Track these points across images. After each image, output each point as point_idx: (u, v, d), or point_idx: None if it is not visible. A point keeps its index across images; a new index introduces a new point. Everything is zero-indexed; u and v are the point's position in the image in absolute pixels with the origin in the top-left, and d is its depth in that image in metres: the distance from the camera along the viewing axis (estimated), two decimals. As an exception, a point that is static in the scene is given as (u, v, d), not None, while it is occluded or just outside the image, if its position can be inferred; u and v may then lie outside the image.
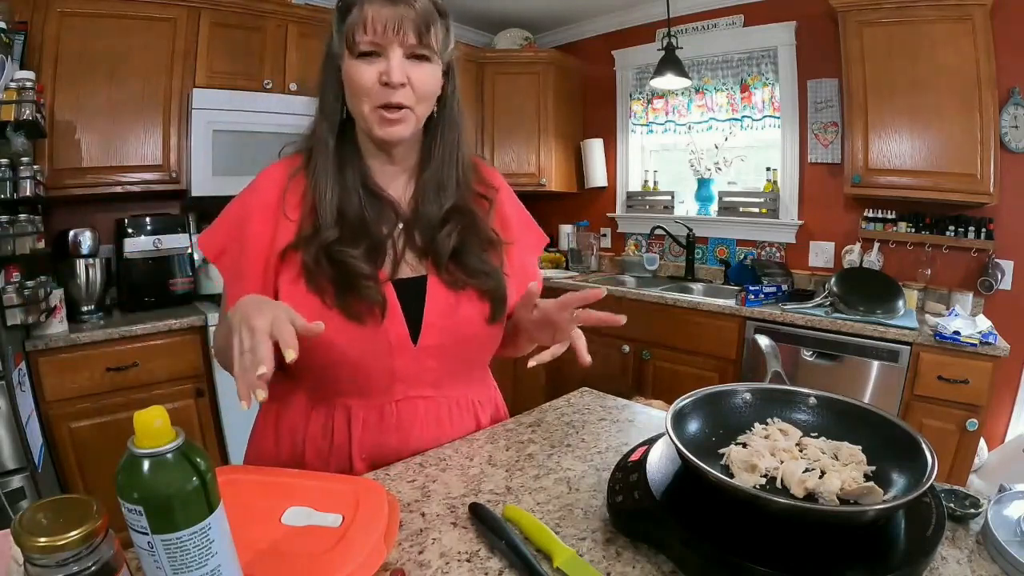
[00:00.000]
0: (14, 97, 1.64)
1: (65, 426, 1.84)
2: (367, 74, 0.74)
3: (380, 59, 0.75)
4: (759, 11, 2.79)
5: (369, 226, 0.80)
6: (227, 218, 0.85)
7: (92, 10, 2.01)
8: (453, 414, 0.89)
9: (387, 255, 0.82)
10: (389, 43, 0.74)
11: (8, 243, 1.64)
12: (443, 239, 0.82)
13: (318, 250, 0.77)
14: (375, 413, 0.82)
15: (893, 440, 0.61)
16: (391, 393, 0.83)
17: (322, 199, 0.79)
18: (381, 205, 0.83)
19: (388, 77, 0.74)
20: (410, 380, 0.83)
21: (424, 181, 0.85)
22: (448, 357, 0.84)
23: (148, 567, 0.41)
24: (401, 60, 0.75)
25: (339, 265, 0.77)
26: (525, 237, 0.96)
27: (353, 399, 0.82)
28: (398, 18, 0.73)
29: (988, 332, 1.87)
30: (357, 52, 0.74)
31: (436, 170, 0.85)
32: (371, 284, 0.77)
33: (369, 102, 0.76)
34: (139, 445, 0.39)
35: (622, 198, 3.43)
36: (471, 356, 0.88)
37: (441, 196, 0.84)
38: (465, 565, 0.57)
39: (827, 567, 0.49)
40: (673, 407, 0.66)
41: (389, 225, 0.83)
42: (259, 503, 0.61)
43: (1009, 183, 2.14)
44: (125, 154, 2.13)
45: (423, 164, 0.86)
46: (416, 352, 0.81)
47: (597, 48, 3.44)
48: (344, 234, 0.78)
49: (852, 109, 2.29)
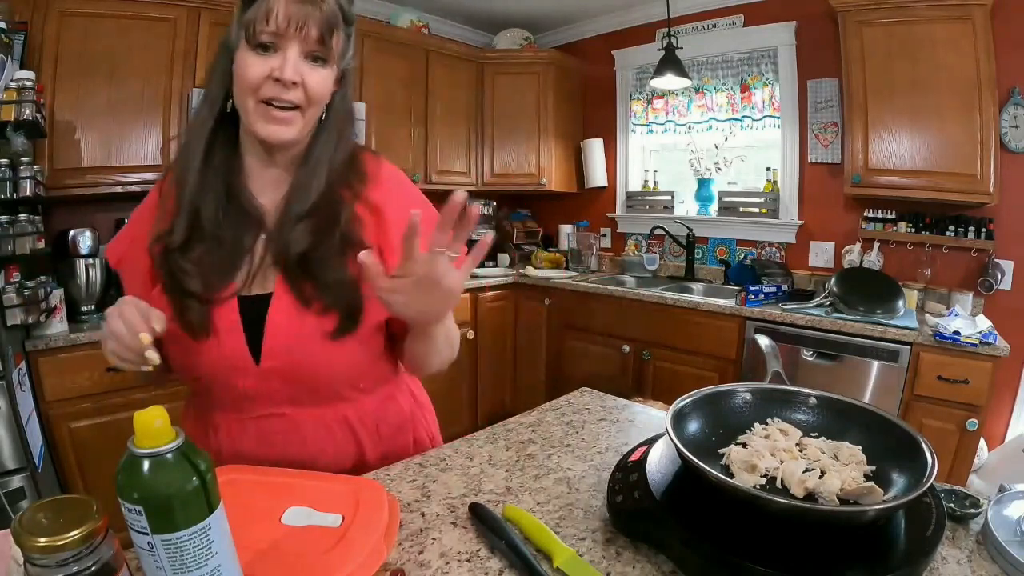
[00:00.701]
0: (14, 97, 1.64)
1: (65, 426, 1.84)
2: (258, 67, 0.70)
3: (275, 55, 0.71)
4: (759, 11, 2.79)
5: (222, 235, 0.75)
6: (127, 225, 0.83)
7: (92, 10, 2.01)
8: (320, 433, 0.81)
9: (243, 268, 0.76)
10: (288, 39, 0.70)
11: (8, 243, 1.64)
12: (293, 241, 0.75)
13: (162, 255, 0.74)
14: (235, 428, 0.80)
15: (893, 440, 0.61)
16: (247, 410, 0.79)
17: (181, 199, 0.74)
18: (243, 212, 0.77)
19: (281, 73, 0.70)
20: (261, 399, 0.78)
21: (294, 184, 0.78)
22: (294, 378, 0.78)
23: (148, 567, 0.41)
24: (297, 58, 0.71)
25: (172, 277, 0.73)
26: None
27: (217, 412, 0.80)
28: (303, 15, 0.70)
29: (988, 332, 1.87)
30: (254, 43, 0.70)
31: (307, 172, 0.78)
32: (193, 304, 0.73)
33: (255, 96, 0.71)
34: (139, 445, 0.39)
35: (622, 198, 3.43)
36: (320, 376, 0.79)
37: (304, 197, 0.77)
38: (465, 565, 0.57)
39: (827, 567, 0.49)
40: (673, 407, 0.66)
41: (250, 236, 0.77)
42: (259, 503, 0.61)
43: (1009, 183, 2.14)
44: (125, 154, 2.13)
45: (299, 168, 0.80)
46: (260, 372, 0.76)
47: (597, 48, 3.44)
48: (192, 240, 0.74)
49: (852, 109, 2.29)
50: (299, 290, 0.75)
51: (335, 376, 0.80)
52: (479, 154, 3.32)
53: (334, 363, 0.78)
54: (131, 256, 0.79)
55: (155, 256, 0.74)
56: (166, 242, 0.74)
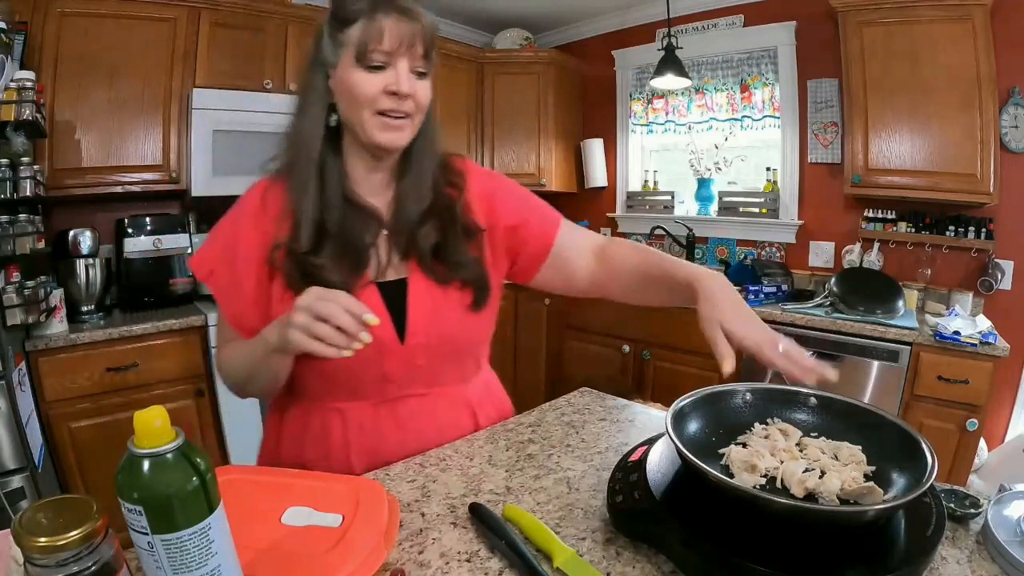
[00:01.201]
0: (14, 97, 1.64)
1: (65, 426, 1.84)
2: (373, 84, 0.76)
3: (386, 71, 0.76)
4: (759, 11, 2.79)
5: (349, 235, 0.81)
6: (215, 237, 0.86)
7: (92, 10, 2.01)
8: (448, 410, 0.89)
9: (372, 261, 0.83)
10: (399, 56, 0.76)
11: (8, 243, 1.64)
12: (423, 237, 0.84)
13: (292, 261, 0.79)
14: (369, 414, 0.84)
15: (893, 440, 0.61)
16: (384, 394, 0.84)
17: (302, 208, 0.80)
18: (362, 214, 0.84)
19: (398, 87, 0.76)
20: (401, 380, 0.84)
21: (404, 186, 0.86)
22: (437, 353, 0.85)
23: (148, 567, 0.41)
24: (407, 72, 0.77)
25: (310, 276, 0.77)
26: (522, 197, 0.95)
27: (345, 402, 0.84)
28: (411, 34, 0.76)
29: (988, 332, 1.87)
30: (366, 64, 0.75)
31: (415, 175, 0.86)
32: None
33: (371, 108, 0.77)
34: (139, 445, 0.39)
35: (622, 198, 3.43)
36: (460, 348, 0.89)
37: (419, 198, 0.86)
38: (465, 565, 0.57)
39: (827, 567, 0.49)
40: (673, 407, 0.66)
41: (372, 233, 0.84)
42: (259, 503, 0.61)
43: (1009, 183, 2.14)
44: (125, 154, 2.13)
45: (402, 169, 0.87)
46: (405, 352, 0.82)
47: (597, 48, 3.44)
48: (321, 243, 0.79)
49: (852, 109, 2.29)
50: (434, 273, 0.84)
51: (472, 344, 0.91)
52: (479, 154, 3.32)
53: (472, 331, 0.89)
54: (225, 267, 0.83)
55: (280, 262, 0.79)
56: (292, 248, 0.79)
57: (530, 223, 0.92)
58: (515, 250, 0.93)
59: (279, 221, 0.81)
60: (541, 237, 0.93)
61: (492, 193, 0.92)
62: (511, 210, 0.92)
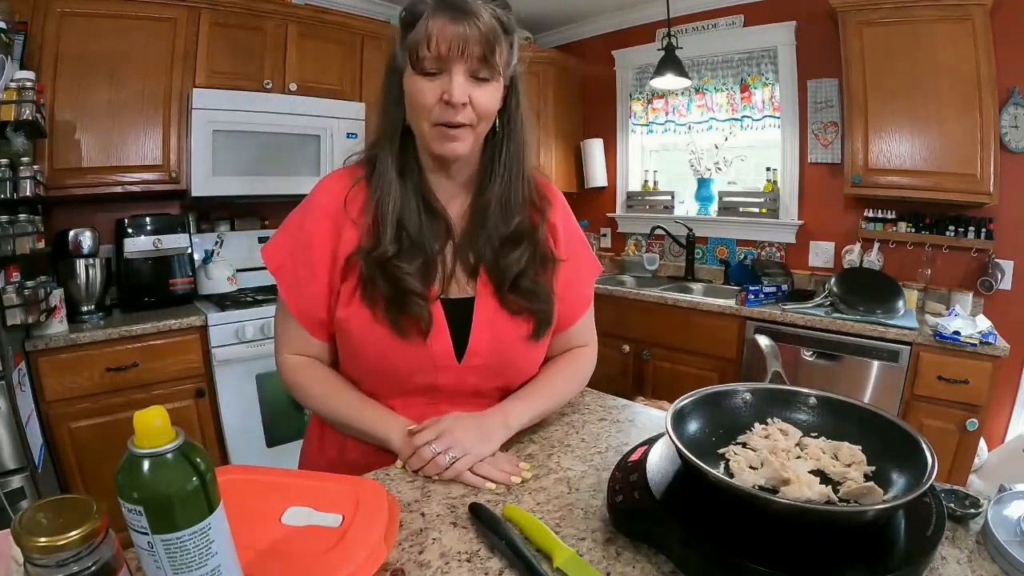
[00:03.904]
0: (14, 97, 1.64)
1: (65, 426, 1.84)
2: (429, 92, 0.73)
3: (442, 76, 0.73)
4: (759, 11, 2.79)
5: (424, 243, 0.80)
6: (287, 230, 0.86)
7: (92, 10, 2.01)
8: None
9: (437, 272, 0.82)
10: (452, 61, 0.72)
11: (8, 243, 1.64)
12: (511, 262, 0.82)
13: (374, 264, 0.78)
14: (416, 415, 0.83)
15: (893, 440, 0.61)
16: (433, 400, 0.84)
17: (384, 211, 0.79)
18: (437, 221, 0.83)
19: (450, 96, 0.72)
20: (451, 392, 0.84)
21: (487, 198, 0.83)
22: (490, 374, 0.85)
23: (148, 567, 0.41)
24: (463, 79, 0.73)
25: (393, 281, 0.78)
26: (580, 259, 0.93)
27: (397, 401, 0.84)
28: (462, 38, 0.71)
29: (988, 332, 1.87)
30: (419, 69, 0.73)
31: (503, 187, 0.83)
32: (420, 302, 0.78)
33: (428, 119, 0.75)
34: (139, 445, 0.39)
35: (622, 198, 3.43)
36: (513, 372, 0.88)
37: (507, 215, 0.83)
38: (465, 565, 0.57)
39: (827, 567, 0.49)
40: (673, 407, 0.66)
41: (440, 242, 0.83)
42: (259, 503, 0.61)
43: (1009, 183, 2.14)
44: (125, 154, 2.13)
45: (482, 180, 0.84)
46: (459, 369, 0.82)
47: (597, 48, 3.44)
48: (402, 249, 0.79)
49: (852, 109, 2.29)
50: (504, 299, 0.82)
51: (527, 371, 0.90)
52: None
53: (529, 360, 0.88)
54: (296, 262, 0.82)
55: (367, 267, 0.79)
56: (376, 253, 0.78)
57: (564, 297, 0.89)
58: None
59: (359, 219, 0.80)
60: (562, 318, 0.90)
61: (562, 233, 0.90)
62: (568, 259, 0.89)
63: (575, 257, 0.91)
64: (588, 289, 0.96)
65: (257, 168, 2.31)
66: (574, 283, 0.91)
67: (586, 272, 0.95)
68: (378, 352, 0.80)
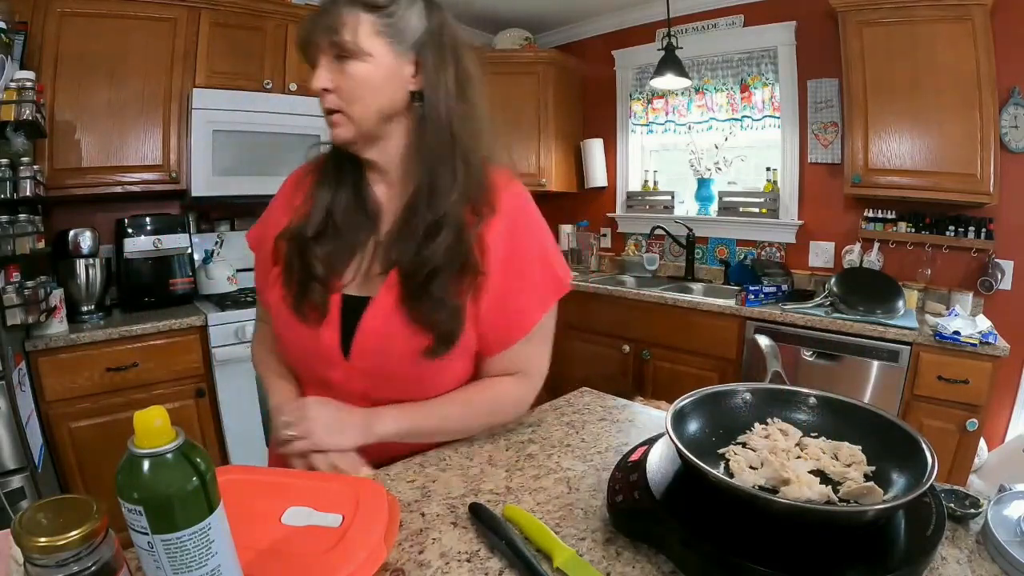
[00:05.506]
0: (14, 97, 1.64)
1: (65, 426, 1.84)
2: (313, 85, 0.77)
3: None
4: (759, 11, 2.79)
5: (347, 232, 0.81)
6: (264, 214, 0.93)
7: (92, 10, 2.01)
8: None
9: (353, 265, 0.81)
10: (314, 56, 0.76)
11: (8, 243, 1.64)
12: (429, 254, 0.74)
13: (293, 245, 0.81)
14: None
15: (893, 440, 0.61)
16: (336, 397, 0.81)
17: (317, 198, 0.82)
18: (366, 214, 0.83)
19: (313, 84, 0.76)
20: (345, 393, 0.80)
21: (416, 189, 0.78)
22: (380, 382, 0.80)
23: (148, 567, 0.41)
24: (326, 66, 0.75)
25: (304, 265, 0.79)
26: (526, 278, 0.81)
27: (308, 389, 0.87)
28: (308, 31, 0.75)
29: (988, 332, 1.87)
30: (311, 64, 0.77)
31: (427, 173, 0.77)
32: (319, 288, 0.79)
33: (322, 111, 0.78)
34: (139, 445, 0.39)
35: (622, 198, 3.43)
36: (403, 385, 0.81)
37: (434, 204, 0.76)
38: (465, 565, 0.57)
39: (827, 567, 0.49)
40: (673, 407, 0.66)
41: (365, 235, 0.82)
42: (259, 503, 0.61)
43: (1009, 183, 2.14)
44: (125, 154, 2.13)
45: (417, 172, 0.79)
46: (348, 368, 0.79)
47: (597, 48, 3.44)
48: (321, 234, 0.80)
49: (852, 109, 2.29)
50: (406, 306, 0.76)
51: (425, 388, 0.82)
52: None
53: (422, 379, 0.80)
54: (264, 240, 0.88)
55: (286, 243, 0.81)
56: (293, 232, 0.81)
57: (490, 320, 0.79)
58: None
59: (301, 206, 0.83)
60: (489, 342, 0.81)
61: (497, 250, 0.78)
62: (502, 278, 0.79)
63: (517, 275, 0.80)
64: (534, 313, 0.82)
65: (257, 168, 2.30)
66: (510, 305, 0.80)
67: (534, 294, 0.82)
68: (285, 337, 0.84)
